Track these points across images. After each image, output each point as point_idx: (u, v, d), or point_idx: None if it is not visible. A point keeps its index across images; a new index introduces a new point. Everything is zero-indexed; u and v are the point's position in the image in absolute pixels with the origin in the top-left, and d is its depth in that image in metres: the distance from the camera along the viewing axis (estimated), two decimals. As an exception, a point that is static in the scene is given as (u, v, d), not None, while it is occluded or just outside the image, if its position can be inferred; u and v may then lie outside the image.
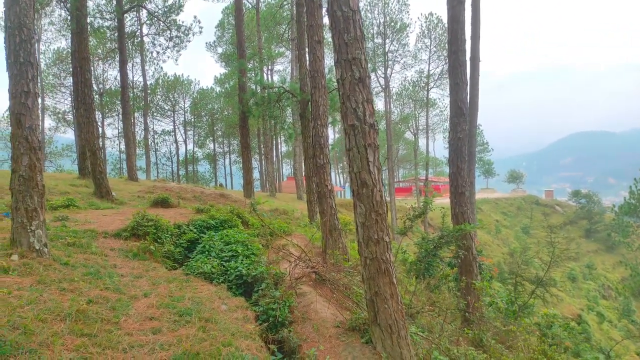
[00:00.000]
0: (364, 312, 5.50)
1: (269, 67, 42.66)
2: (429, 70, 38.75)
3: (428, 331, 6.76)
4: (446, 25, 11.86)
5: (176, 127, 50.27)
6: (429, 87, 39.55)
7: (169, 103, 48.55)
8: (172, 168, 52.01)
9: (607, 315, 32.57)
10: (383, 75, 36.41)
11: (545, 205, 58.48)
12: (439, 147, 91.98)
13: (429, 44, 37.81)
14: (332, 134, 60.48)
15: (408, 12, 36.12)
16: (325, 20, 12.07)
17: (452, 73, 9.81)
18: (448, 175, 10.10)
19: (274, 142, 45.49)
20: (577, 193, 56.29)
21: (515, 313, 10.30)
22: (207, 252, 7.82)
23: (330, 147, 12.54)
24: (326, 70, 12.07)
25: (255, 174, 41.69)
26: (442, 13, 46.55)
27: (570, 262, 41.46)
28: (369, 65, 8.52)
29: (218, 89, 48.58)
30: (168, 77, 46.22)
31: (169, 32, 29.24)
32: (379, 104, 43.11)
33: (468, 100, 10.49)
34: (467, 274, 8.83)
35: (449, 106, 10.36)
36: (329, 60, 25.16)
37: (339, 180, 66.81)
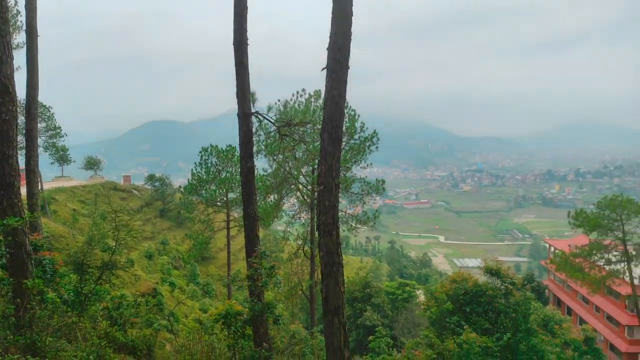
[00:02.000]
0: None
1: None
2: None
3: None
4: None
5: None
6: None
7: None
8: None
9: (177, 283, 37.12)
10: None
11: (123, 190, 60.03)
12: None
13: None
14: None
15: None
16: None
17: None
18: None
19: None
20: (152, 177, 60.77)
21: (82, 303, 10.08)
22: None
23: None
24: None
25: None
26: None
27: (147, 241, 44.44)
28: None
29: None
30: None
31: None
32: None
33: (15, 77, 9.18)
34: (20, 274, 7.86)
35: None
36: None
37: None
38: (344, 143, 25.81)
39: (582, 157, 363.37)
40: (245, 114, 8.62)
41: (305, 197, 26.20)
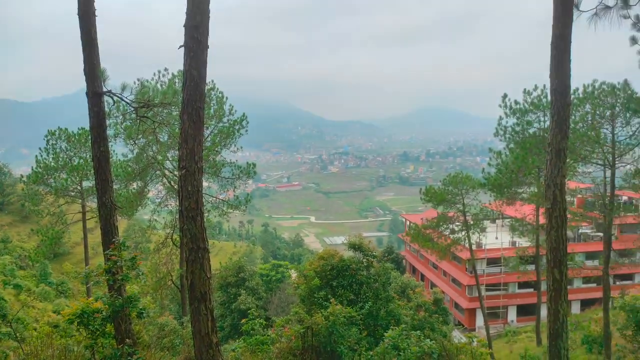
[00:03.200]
0: None
1: None
2: None
3: None
4: None
5: None
6: None
7: None
8: None
9: (24, 284, 32.76)
10: None
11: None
12: None
13: None
14: None
15: None
16: None
17: None
18: None
19: None
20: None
21: None
22: None
23: None
24: None
25: None
26: None
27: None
28: None
29: None
30: None
31: None
32: None
33: None
34: None
35: None
36: None
37: None
38: (212, 126, 25.09)
39: (432, 139, 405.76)
40: (95, 93, 7.82)
41: (172, 183, 24.95)
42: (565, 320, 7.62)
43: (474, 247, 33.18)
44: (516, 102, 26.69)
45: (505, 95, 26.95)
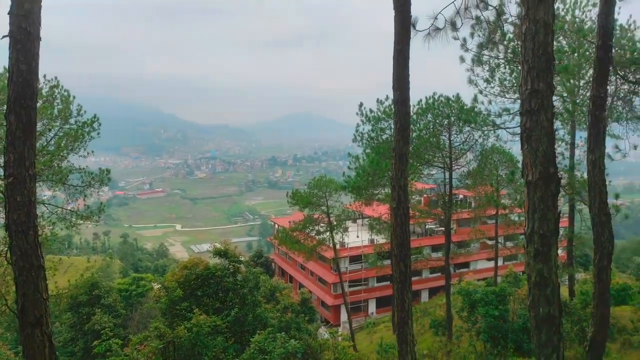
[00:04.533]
0: None
1: None
2: None
3: None
4: None
5: None
6: None
7: None
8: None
9: None
10: None
11: None
12: None
13: None
14: None
15: None
16: None
17: None
18: None
19: None
20: None
21: None
22: None
23: None
24: None
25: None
26: None
27: None
28: None
29: None
30: None
31: None
32: None
33: None
34: None
35: None
36: None
37: None
38: (57, 128, 22.30)
39: (299, 144, 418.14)
40: None
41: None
42: (410, 309, 8.46)
43: (337, 246, 34.98)
44: (371, 111, 28.87)
45: (361, 104, 28.97)
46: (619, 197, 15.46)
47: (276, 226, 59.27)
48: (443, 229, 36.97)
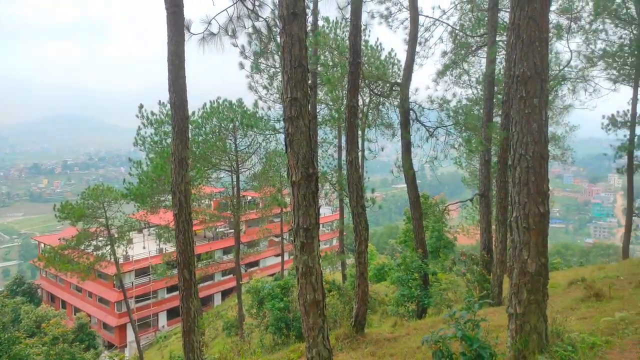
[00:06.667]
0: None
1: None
2: None
3: None
4: None
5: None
6: None
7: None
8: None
9: None
10: None
11: None
12: None
13: None
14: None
15: None
16: None
17: None
18: None
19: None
20: None
21: None
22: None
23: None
24: None
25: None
26: None
27: None
28: None
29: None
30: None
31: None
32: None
33: None
34: None
35: None
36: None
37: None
38: None
39: (70, 149, 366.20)
40: None
41: None
42: (196, 316, 8.33)
43: (120, 260, 31.97)
44: (152, 113, 27.36)
45: (141, 106, 27.17)
46: (375, 191, 18.32)
47: (42, 246, 50.58)
48: (232, 230, 37.60)
